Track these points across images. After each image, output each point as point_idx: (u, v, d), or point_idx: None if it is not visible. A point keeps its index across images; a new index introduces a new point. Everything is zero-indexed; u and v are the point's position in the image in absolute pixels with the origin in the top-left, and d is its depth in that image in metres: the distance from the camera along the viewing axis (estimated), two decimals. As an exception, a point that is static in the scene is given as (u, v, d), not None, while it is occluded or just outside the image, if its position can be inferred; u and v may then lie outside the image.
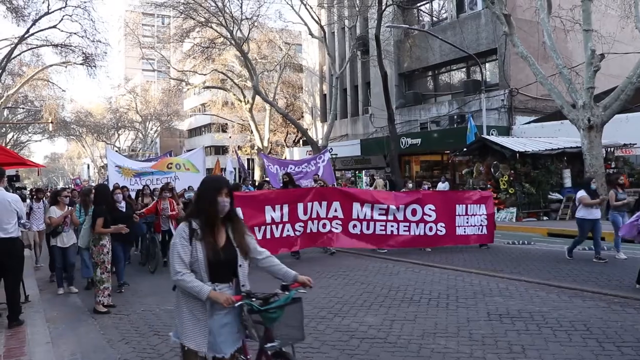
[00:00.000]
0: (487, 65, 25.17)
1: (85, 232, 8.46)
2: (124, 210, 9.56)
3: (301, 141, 39.74)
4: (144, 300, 8.27)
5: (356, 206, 11.84)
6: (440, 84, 28.59)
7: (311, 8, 28.17)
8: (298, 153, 35.91)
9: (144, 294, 8.64)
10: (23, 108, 45.03)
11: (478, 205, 12.61)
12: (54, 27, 25.17)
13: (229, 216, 3.52)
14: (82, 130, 54.79)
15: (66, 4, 24.27)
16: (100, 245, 7.80)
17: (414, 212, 12.07)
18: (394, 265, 10.82)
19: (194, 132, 66.89)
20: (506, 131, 22.81)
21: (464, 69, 26.98)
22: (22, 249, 7.33)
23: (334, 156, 27.61)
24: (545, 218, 17.91)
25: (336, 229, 11.73)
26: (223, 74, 36.93)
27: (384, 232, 11.98)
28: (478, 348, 5.66)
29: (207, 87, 41.70)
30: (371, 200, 11.99)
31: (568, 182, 18.34)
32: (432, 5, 28.63)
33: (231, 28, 27.81)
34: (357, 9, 26.89)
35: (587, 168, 16.84)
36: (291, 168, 18.16)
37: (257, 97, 32.47)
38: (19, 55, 28.20)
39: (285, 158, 37.40)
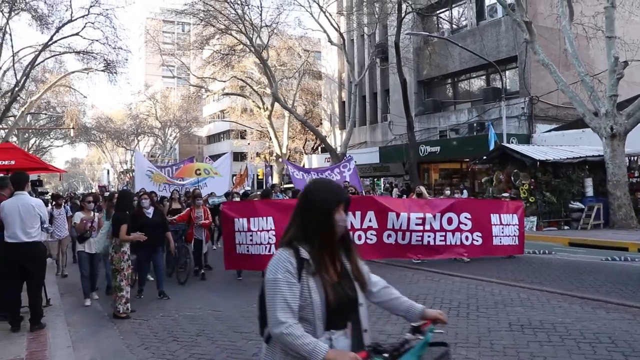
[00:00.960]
0: (507, 72, 24.98)
1: (101, 238, 8.38)
2: (150, 216, 9.26)
3: (320, 148, 39.75)
4: (163, 306, 8.30)
5: (391, 216, 11.22)
6: (460, 92, 28.43)
7: (330, 15, 28.23)
8: (317, 160, 35.92)
9: (163, 300, 8.66)
10: (45, 114, 45.66)
11: (511, 214, 12.21)
12: (77, 34, 25.51)
13: (342, 238, 2.54)
14: (102, 135, 55.38)
15: (89, 11, 24.62)
16: (121, 252, 7.79)
17: (449, 221, 11.50)
18: (413, 273, 10.74)
19: (213, 138, 67.29)
20: (526, 139, 22.59)
21: (483, 77, 26.80)
22: (44, 253, 7.42)
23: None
24: (566, 227, 17.66)
25: (370, 240, 11.17)
26: (242, 80, 37.12)
27: (420, 243, 11.35)
28: (500, 359, 5.58)
29: (227, 94, 41.96)
30: (407, 210, 11.39)
31: (590, 191, 18.08)
32: (451, 13, 28.51)
33: (251, 35, 27.96)
34: (376, 16, 26.88)
35: (610, 177, 16.61)
36: (312, 175, 17.91)
37: (276, 104, 32.57)
38: (42, 62, 28.65)
39: (304, 165, 37.43)
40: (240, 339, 6.51)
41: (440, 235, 11.42)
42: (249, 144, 49.04)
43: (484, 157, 19.83)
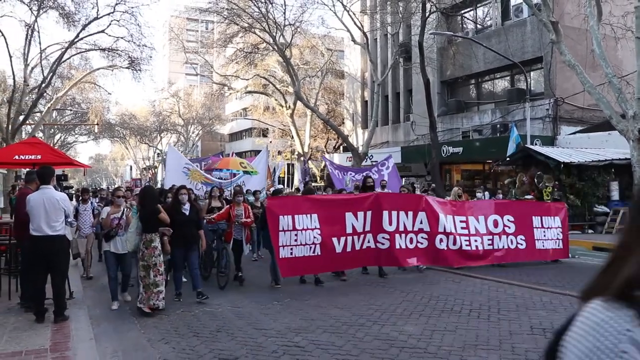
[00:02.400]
0: (532, 73, 24.69)
1: (131, 235, 7.97)
2: (187, 213, 8.69)
3: (341, 148, 39.71)
4: (183, 301, 8.36)
5: (442, 218, 10.45)
6: (484, 92, 28.18)
7: (354, 14, 28.16)
8: (338, 159, 35.87)
9: (183, 295, 8.72)
10: (71, 110, 46.30)
11: (553, 217, 11.80)
12: (102, 31, 25.81)
13: None
14: (125, 132, 55.94)
15: (114, 9, 24.86)
16: (152, 248, 7.72)
17: (495, 224, 10.98)
18: (434, 274, 10.68)
19: (235, 136, 67.65)
20: (550, 141, 22.30)
21: (508, 78, 26.53)
22: (68, 246, 7.54)
23: (373, 163, 27.50)
24: (590, 231, 17.42)
25: (421, 244, 10.29)
26: (265, 79, 37.22)
27: (469, 248, 10.64)
28: (521, 362, 5.52)
29: (249, 92, 42.11)
30: (452, 212, 10.75)
31: (615, 195, 17.80)
32: (476, 13, 28.26)
33: (274, 34, 28.01)
34: (400, 15, 26.74)
35: (637, 180, 16.31)
36: (351, 175, 17.41)
37: (299, 103, 32.59)
38: (68, 59, 29.04)
39: (324, 165, 37.39)
40: (260, 336, 6.53)
41: (488, 239, 10.88)
42: (270, 142, 49.17)
43: (507, 159, 19.64)
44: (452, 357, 5.68)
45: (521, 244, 11.14)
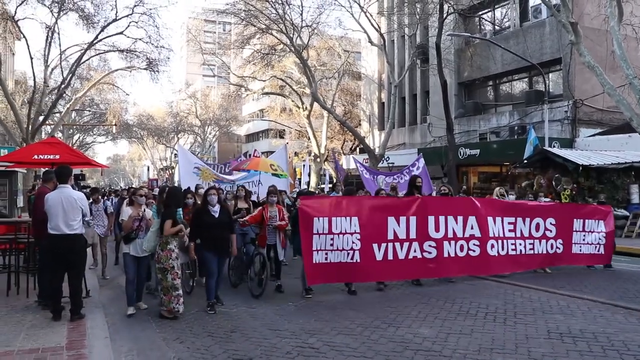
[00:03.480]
0: (551, 75, 24.45)
1: (151, 236, 7.69)
2: (216, 215, 8.11)
3: (358, 149, 39.64)
4: (198, 302, 8.36)
5: (490, 221, 9.77)
6: (501, 94, 27.96)
7: (371, 16, 28.10)
8: (354, 161, 35.79)
9: (198, 296, 8.73)
10: (89, 111, 46.77)
11: (597, 221, 11.23)
12: (121, 33, 26.00)
13: None
14: (143, 133, 56.37)
15: (133, 11, 25.03)
16: (168, 250, 7.48)
17: (537, 227, 10.38)
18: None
19: (252, 137, 67.85)
20: (569, 143, 22.07)
21: (526, 79, 26.30)
22: (85, 245, 7.61)
23: (390, 165, 27.40)
24: (609, 235, 17.16)
25: (473, 251, 9.50)
26: (282, 80, 37.29)
27: (514, 253, 9.98)
28: (538, 367, 5.45)
29: (266, 93, 42.20)
30: (502, 212, 10.07)
31: (636, 198, 17.55)
32: (494, 14, 28.07)
33: (291, 35, 28.04)
34: (417, 17, 26.63)
35: (657, 184, 16.08)
36: (382, 179, 16.55)
37: (315, 104, 32.58)
38: (87, 60, 29.28)
39: (342, 165, 37.33)
40: (275, 337, 6.53)
41: (529, 243, 10.26)
42: (287, 143, 49.21)
43: (524, 161, 19.46)
44: (468, 361, 5.62)
45: (559, 248, 10.66)
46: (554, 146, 20.51)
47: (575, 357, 5.67)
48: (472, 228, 9.50)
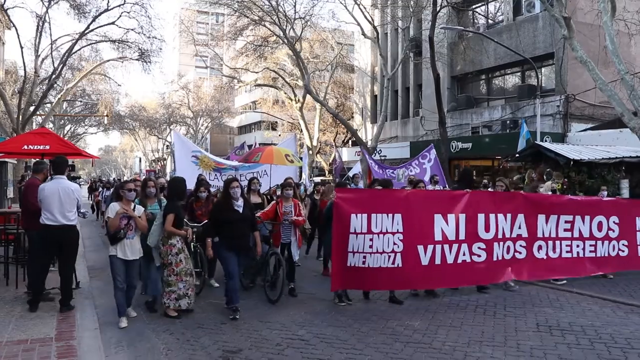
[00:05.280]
0: (543, 69, 24.49)
1: (156, 229, 7.23)
2: (240, 210, 7.32)
3: (350, 142, 39.64)
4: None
5: (541, 219, 8.50)
6: (494, 88, 27.99)
7: (365, 8, 28.01)
8: (347, 153, 35.82)
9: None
10: (81, 101, 46.43)
11: None
12: (113, 23, 25.73)
13: None
14: (135, 124, 56.10)
15: (125, 1, 24.75)
16: (169, 245, 7.16)
17: (599, 227, 9.00)
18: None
19: (244, 129, 67.67)
20: (561, 138, 22.14)
21: (518, 73, 26.34)
22: (78, 237, 7.56)
23: (382, 158, 27.41)
24: (599, 229, 17.26)
25: (519, 253, 8.30)
26: (275, 72, 37.18)
27: (569, 255, 8.67)
28: (526, 360, 5.49)
29: (259, 85, 42.07)
30: (558, 210, 8.69)
31: (626, 193, 17.60)
32: (487, 8, 28.06)
33: (284, 27, 27.91)
34: (411, 10, 26.56)
35: (647, 179, 16.16)
36: (390, 173, 15.68)
37: (308, 96, 32.49)
38: (79, 50, 28.98)
39: (334, 158, 37.33)
40: (265, 329, 6.54)
41: (590, 245, 8.92)
42: (279, 135, 49.17)
43: (516, 155, 19.52)
44: (457, 353, 5.66)
45: (623, 251, 9.19)
46: (545, 140, 20.57)
47: (564, 350, 5.72)
48: (519, 227, 8.33)
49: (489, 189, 10.96)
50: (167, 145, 60.32)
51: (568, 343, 5.95)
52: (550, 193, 10.66)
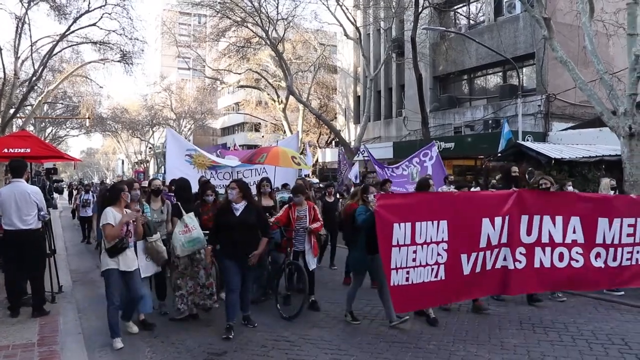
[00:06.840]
0: (524, 69, 24.73)
1: (176, 236, 6.97)
2: (238, 213, 6.56)
3: (333, 142, 39.69)
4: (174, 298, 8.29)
5: (602, 223, 7.16)
6: (476, 88, 28.20)
7: (347, 9, 28.08)
8: (330, 154, 35.86)
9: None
10: (62, 103, 45.92)
11: None
12: (94, 24, 25.51)
13: None
14: (117, 126, 55.67)
15: (106, 2, 24.54)
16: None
17: None
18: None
19: (227, 130, 67.43)
20: (542, 137, 22.37)
21: (500, 73, 26.57)
22: (42, 240, 7.42)
23: (365, 158, 27.48)
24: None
25: (576, 261, 7.03)
26: (257, 73, 37.12)
27: (629, 263, 7.29)
28: (509, 357, 5.55)
29: (242, 86, 41.97)
30: (622, 212, 7.30)
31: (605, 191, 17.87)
32: (469, 8, 28.27)
33: (267, 28, 27.89)
34: (393, 10, 26.69)
35: (627, 177, 16.36)
36: (389, 170, 15.31)
37: (291, 97, 32.50)
38: (59, 52, 28.71)
39: (318, 158, 37.37)
40: (250, 330, 6.53)
41: None
42: (263, 136, 49.10)
43: (498, 154, 19.68)
44: (442, 352, 5.69)
45: None
46: (527, 140, 20.77)
47: (546, 347, 5.78)
48: (574, 232, 7.11)
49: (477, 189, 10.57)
50: (150, 147, 59.92)
51: (550, 340, 6.03)
52: (611, 193, 9.74)
